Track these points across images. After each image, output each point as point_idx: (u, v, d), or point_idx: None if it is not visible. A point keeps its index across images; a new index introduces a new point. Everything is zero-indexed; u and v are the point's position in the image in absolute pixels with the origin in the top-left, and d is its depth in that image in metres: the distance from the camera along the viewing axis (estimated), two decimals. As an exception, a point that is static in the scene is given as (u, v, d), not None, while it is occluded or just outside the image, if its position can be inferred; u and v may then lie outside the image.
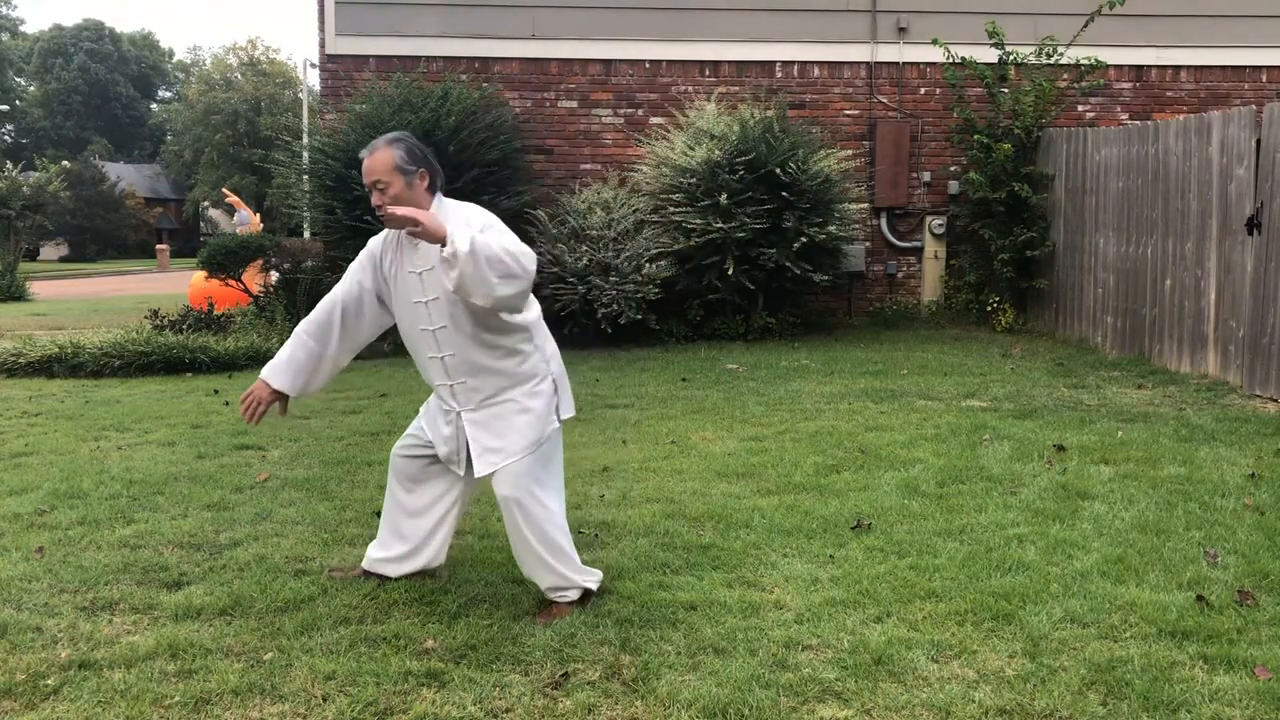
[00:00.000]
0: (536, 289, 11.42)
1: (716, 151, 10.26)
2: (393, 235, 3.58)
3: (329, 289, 3.80)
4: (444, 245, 3.11)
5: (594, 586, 3.60)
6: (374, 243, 3.65)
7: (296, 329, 3.72)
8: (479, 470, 3.49)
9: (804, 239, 10.14)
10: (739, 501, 4.78)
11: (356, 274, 3.65)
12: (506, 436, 3.45)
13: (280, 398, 3.71)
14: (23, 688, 3.02)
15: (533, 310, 3.53)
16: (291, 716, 2.87)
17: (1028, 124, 10.89)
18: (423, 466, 3.74)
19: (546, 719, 2.86)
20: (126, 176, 53.88)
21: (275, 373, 3.67)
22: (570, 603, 3.54)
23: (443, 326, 3.43)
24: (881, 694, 2.94)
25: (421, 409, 3.78)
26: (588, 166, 11.76)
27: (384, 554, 3.82)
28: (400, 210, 3.20)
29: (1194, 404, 7.00)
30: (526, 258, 3.20)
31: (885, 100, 12.01)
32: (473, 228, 3.24)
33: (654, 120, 11.71)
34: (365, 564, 3.88)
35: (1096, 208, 9.74)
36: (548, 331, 3.62)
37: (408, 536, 3.79)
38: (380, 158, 3.37)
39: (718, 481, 5.17)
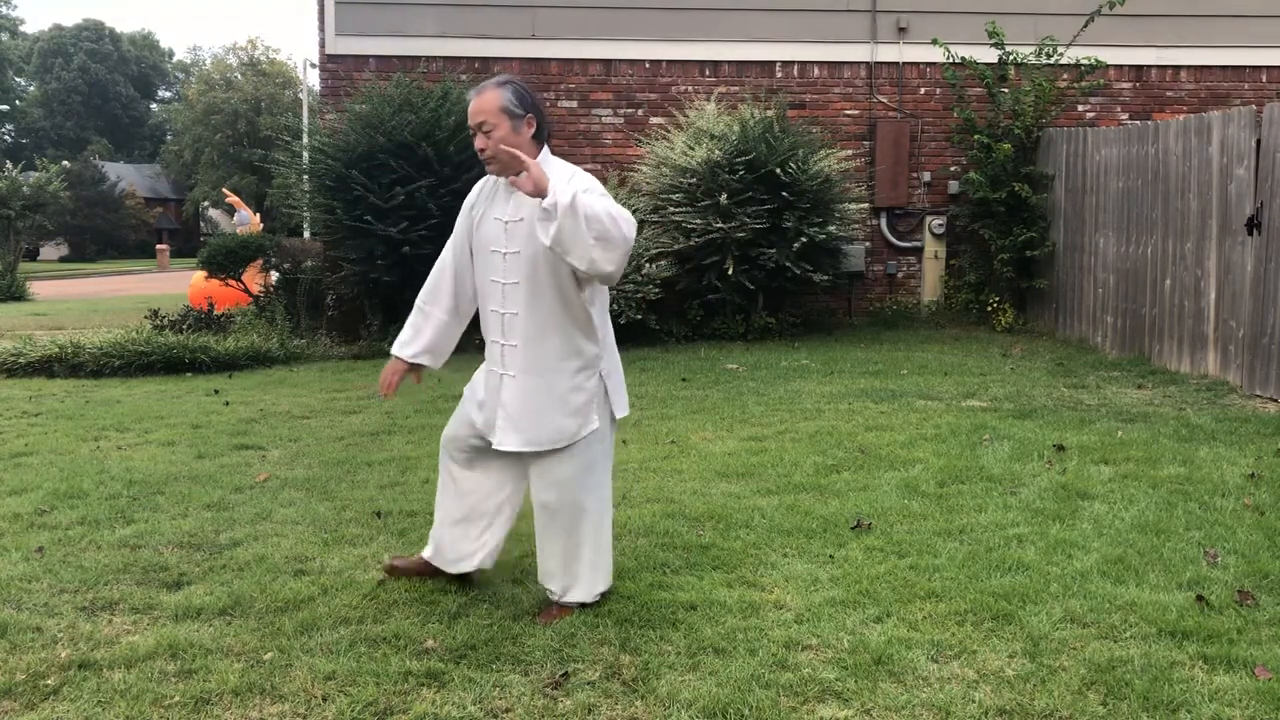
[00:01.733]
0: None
1: (716, 151, 10.26)
2: (490, 182, 3.49)
3: (329, 289, 3.79)
4: (544, 197, 3.02)
5: (605, 588, 3.56)
6: (474, 191, 3.56)
7: (416, 300, 3.65)
8: (498, 442, 3.38)
9: (804, 239, 10.14)
10: (739, 501, 4.78)
11: (458, 229, 3.58)
12: (535, 421, 3.35)
13: (414, 368, 3.62)
14: (23, 688, 3.02)
15: (601, 298, 3.42)
16: (291, 716, 2.87)
17: (1028, 124, 10.89)
18: (473, 455, 3.58)
19: (546, 719, 2.86)
20: (126, 176, 53.88)
21: (401, 345, 3.60)
22: (571, 603, 3.54)
23: (515, 283, 3.32)
24: (881, 694, 2.94)
25: (466, 389, 3.63)
26: (588, 167, 11.66)
27: (452, 552, 3.67)
28: (509, 149, 3.12)
29: (1194, 404, 7.00)
30: (627, 223, 3.06)
31: (885, 100, 12.01)
32: (575, 185, 3.12)
33: (654, 120, 11.71)
34: (428, 555, 3.73)
35: (1096, 208, 9.74)
36: (610, 326, 3.50)
37: (464, 536, 3.64)
38: (488, 98, 3.27)
39: (718, 481, 5.17)
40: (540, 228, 3.08)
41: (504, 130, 3.27)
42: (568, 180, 3.17)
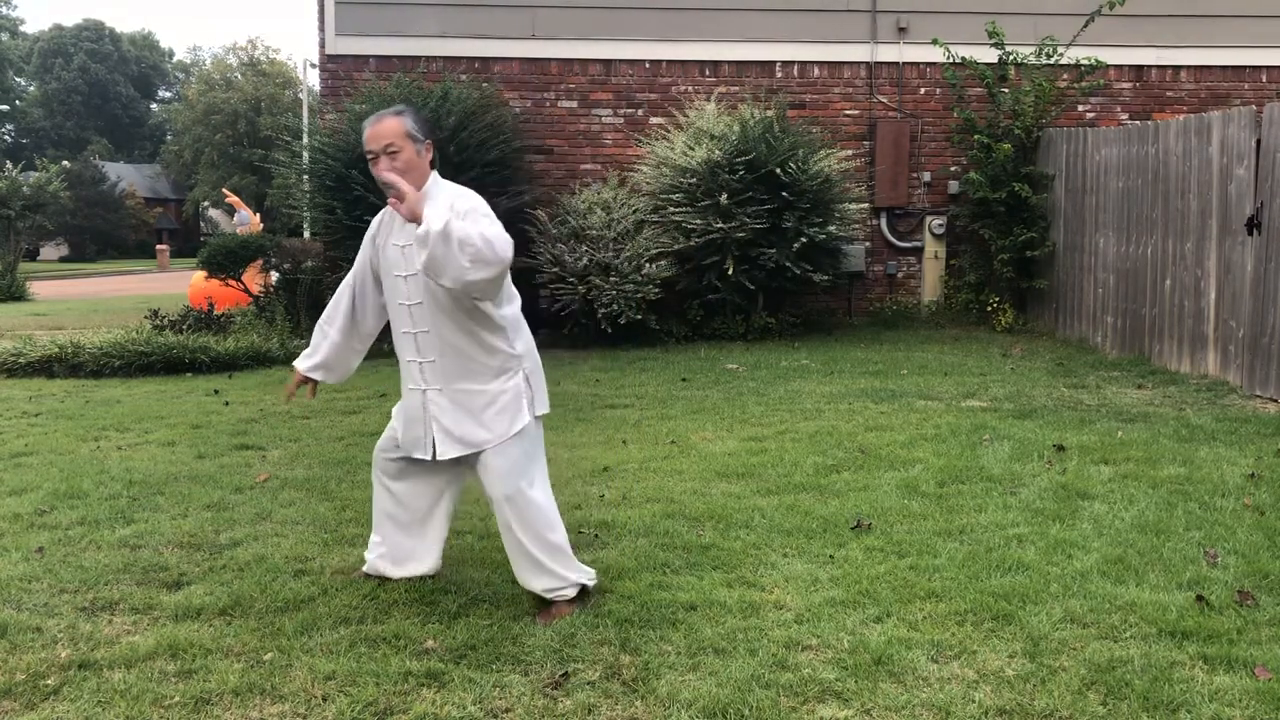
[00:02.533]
0: (538, 288, 11.48)
1: (716, 151, 10.26)
2: (389, 211, 3.61)
3: (329, 289, 3.84)
4: (419, 224, 3.15)
5: (590, 583, 3.59)
6: (373, 223, 3.71)
7: (319, 321, 3.86)
8: (440, 453, 3.51)
9: (804, 239, 10.14)
10: (739, 501, 4.78)
11: (361, 256, 3.74)
12: (468, 427, 3.47)
13: (309, 381, 3.83)
14: (23, 688, 3.02)
15: (510, 303, 3.53)
16: (291, 716, 2.87)
17: (1028, 124, 10.89)
18: (403, 466, 3.75)
19: (546, 719, 2.86)
20: (126, 176, 53.88)
21: (301, 359, 3.83)
22: (570, 601, 3.53)
23: (418, 303, 3.47)
24: (881, 694, 2.94)
25: (395, 409, 3.79)
26: (588, 167, 11.76)
27: (381, 552, 3.82)
28: (390, 175, 3.26)
29: (1194, 404, 7.00)
30: (502, 244, 3.18)
31: (885, 100, 12.01)
32: (455, 210, 3.25)
33: (654, 120, 11.71)
34: (367, 567, 3.87)
35: (1096, 208, 9.74)
36: (525, 325, 3.61)
37: (406, 537, 3.79)
38: (390, 124, 3.42)
39: (718, 481, 5.17)
40: (415, 253, 3.22)
41: (408, 153, 3.40)
42: (448, 206, 3.29)
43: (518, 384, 3.51)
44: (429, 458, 3.56)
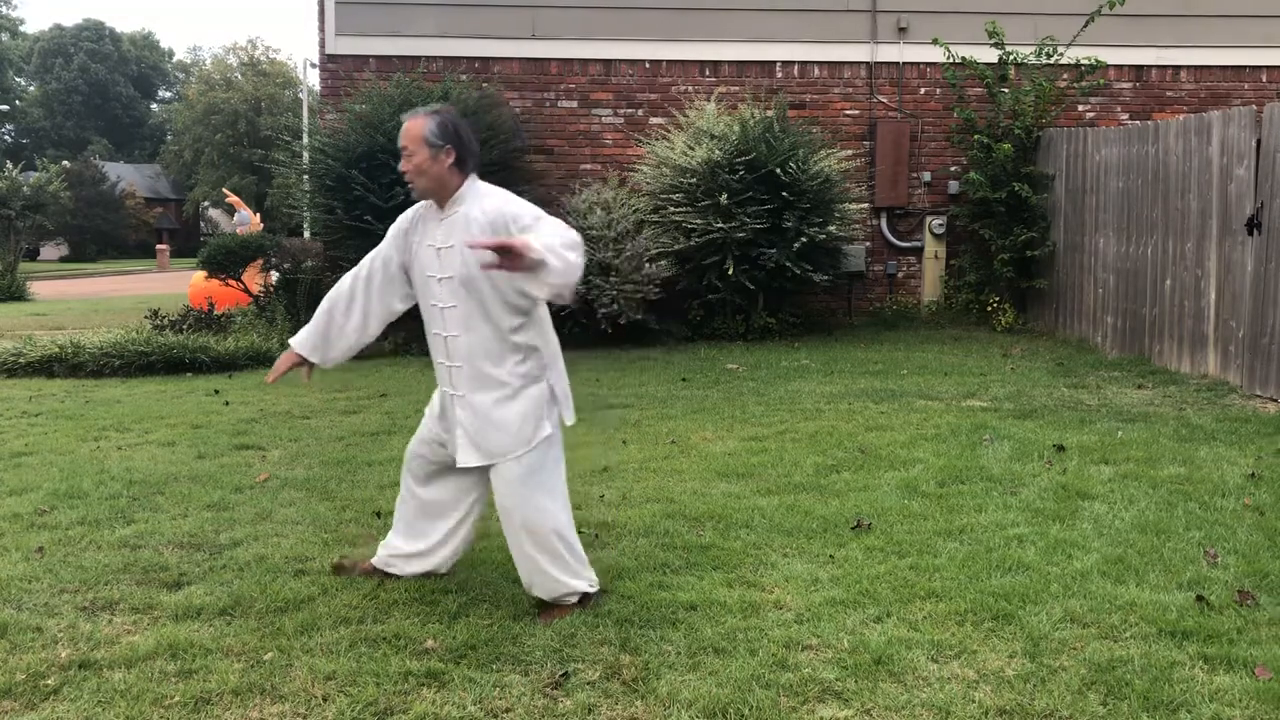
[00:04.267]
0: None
1: (717, 151, 10.26)
2: (421, 207, 3.59)
3: (329, 289, 3.81)
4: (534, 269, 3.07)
5: (592, 589, 3.57)
6: (405, 215, 3.66)
7: (324, 303, 3.76)
8: (460, 460, 3.50)
9: (804, 239, 10.14)
10: (739, 501, 4.78)
11: (386, 243, 3.67)
12: (491, 435, 3.44)
13: (303, 362, 3.73)
14: (23, 688, 3.02)
15: (540, 311, 3.51)
16: (291, 716, 2.87)
17: (1028, 124, 10.89)
18: (433, 462, 3.71)
19: (546, 719, 2.86)
20: (126, 176, 53.86)
21: (298, 339, 3.72)
22: (570, 603, 3.53)
23: (452, 306, 3.44)
24: (881, 694, 2.94)
25: (427, 408, 3.76)
26: (588, 167, 11.76)
27: (398, 551, 3.80)
28: (495, 242, 3.09)
29: (1194, 404, 7.00)
30: (577, 251, 3.20)
31: (885, 100, 12.00)
32: (519, 225, 3.28)
33: (654, 120, 11.71)
34: (376, 560, 3.85)
35: (1097, 208, 9.74)
36: (553, 336, 3.59)
37: (424, 535, 3.76)
38: (413, 125, 3.41)
39: (718, 481, 5.17)
40: (533, 282, 3.15)
41: (421, 158, 3.39)
42: (513, 220, 3.32)
43: (541, 392, 3.48)
44: (459, 464, 3.55)
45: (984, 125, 11.20)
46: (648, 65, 11.82)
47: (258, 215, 19.20)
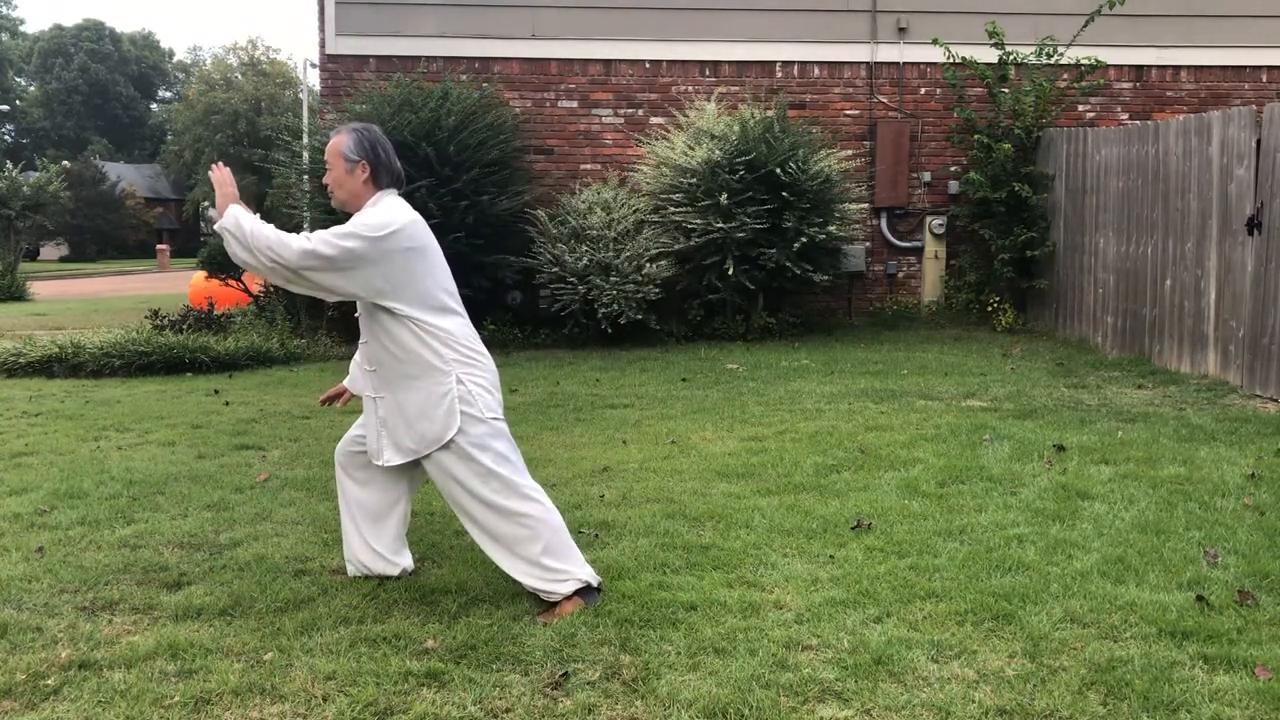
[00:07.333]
0: (538, 288, 11.42)
1: (717, 151, 10.26)
2: None
3: None
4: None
5: (562, 593, 3.52)
6: None
7: None
8: (385, 460, 3.66)
9: (804, 239, 10.15)
10: (739, 501, 4.78)
11: None
12: (401, 433, 3.58)
13: (344, 390, 4.08)
14: (23, 688, 3.02)
15: (443, 315, 3.56)
16: (291, 716, 2.87)
17: (1028, 124, 10.89)
18: (366, 462, 3.83)
19: (546, 719, 2.86)
20: (126, 176, 53.89)
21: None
22: (570, 599, 3.52)
23: (359, 314, 3.66)
24: (881, 694, 2.94)
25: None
26: (588, 166, 11.76)
27: (369, 550, 3.84)
28: (219, 174, 3.74)
29: (1194, 404, 7.00)
30: (290, 251, 3.44)
31: (885, 100, 12.01)
32: (350, 225, 3.47)
33: (654, 120, 11.71)
34: (352, 573, 3.88)
35: (1097, 208, 9.74)
36: (467, 337, 3.61)
37: (380, 536, 3.84)
38: (335, 141, 3.62)
39: (718, 481, 5.16)
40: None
41: (337, 172, 3.61)
42: (354, 220, 3.51)
43: (449, 388, 3.53)
44: (381, 463, 3.70)
45: (984, 125, 11.20)
46: (648, 65, 11.82)
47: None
